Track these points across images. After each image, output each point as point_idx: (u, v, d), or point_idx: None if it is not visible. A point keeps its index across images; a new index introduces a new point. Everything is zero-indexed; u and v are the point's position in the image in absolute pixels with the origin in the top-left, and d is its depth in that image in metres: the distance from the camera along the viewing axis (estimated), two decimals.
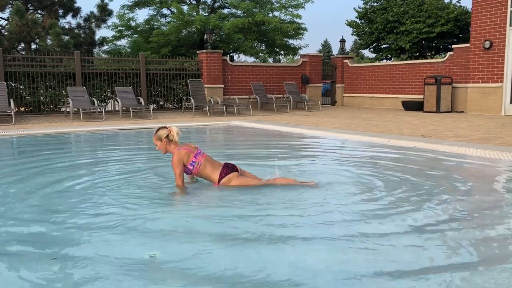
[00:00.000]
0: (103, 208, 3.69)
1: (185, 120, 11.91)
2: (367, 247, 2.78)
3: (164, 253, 2.71)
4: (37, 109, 13.23)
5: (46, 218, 3.43)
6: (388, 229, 3.11)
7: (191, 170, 4.21)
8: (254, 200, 3.88)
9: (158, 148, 4.35)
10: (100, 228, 3.17)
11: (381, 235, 3.00)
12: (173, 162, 4.17)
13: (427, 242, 2.88)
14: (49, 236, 3.04)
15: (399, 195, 4.06)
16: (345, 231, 3.08)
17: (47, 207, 3.76)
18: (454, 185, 4.54)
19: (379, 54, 21.20)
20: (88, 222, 3.30)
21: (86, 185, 4.53)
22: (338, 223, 3.26)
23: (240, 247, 2.81)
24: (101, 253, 2.68)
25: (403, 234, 3.03)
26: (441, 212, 3.52)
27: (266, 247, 2.79)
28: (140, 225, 3.22)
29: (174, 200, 4.09)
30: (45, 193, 4.19)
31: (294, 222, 3.26)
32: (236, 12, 22.64)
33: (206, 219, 3.42)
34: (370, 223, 3.26)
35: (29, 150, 7.13)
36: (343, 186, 4.41)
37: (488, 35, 13.25)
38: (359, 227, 3.15)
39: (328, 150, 7.17)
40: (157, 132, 4.31)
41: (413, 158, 5.94)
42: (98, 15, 20.54)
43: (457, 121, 11.03)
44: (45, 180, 4.71)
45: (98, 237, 2.99)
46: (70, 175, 4.97)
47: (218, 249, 2.76)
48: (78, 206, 3.80)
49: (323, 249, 2.76)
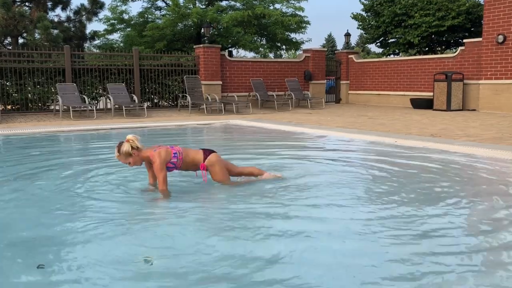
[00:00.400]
0: (91, 212, 3.71)
1: (181, 119, 11.91)
2: (369, 246, 2.79)
3: (159, 256, 2.72)
4: (25, 107, 13.24)
5: (32, 223, 3.44)
6: (393, 232, 3.12)
7: (176, 162, 4.16)
8: (247, 196, 3.91)
9: (132, 165, 4.11)
10: (89, 232, 3.18)
11: (388, 237, 3.01)
12: (157, 166, 4.02)
13: (433, 247, 2.89)
14: (36, 243, 3.05)
15: (405, 198, 4.06)
16: (347, 233, 3.09)
17: (34, 211, 3.77)
18: (464, 188, 4.54)
19: (386, 49, 21.21)
20: (77, 227, 3.31)
21: (72, 188, 4.53)
22: (341, 227, 3.27)
23: (238, 243, 2.82)
24: (92, 258, 2.69)
25: (409, 237, 3.04)
26: (448, 215, 3.53)
27: (266, 247, 2.80)
28: (131, 228, 3.23)
29: (163, 202, 4.06)
30: (31, 197, 4.19)
31: (295, 223, 3.27)
32: (235, 5, 22.63)
33: (203, 218, 3.43)
34: (377, 226, 3.26)
35: (16, 151, 7.14)
36: (345, 188, 4.41)
37: (501, 28, 13.25)
38: (360, 228, 3.16)
39: (330, 150, 7.17)
40: (120, 151, 4.03)
41: (422, 159, 5.94)
42: (89, 8, 20.53)
43: (468, 120, 11.04)
44: (30, 183, 4.71)
45: (88, 242, 3.00)
46: (57, 178, 4.98)
47: (217, 247, 2.77)
48: (65, 211, 3.80)
49: (328, 251, 2.77)
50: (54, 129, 9.50)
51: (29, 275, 2.50)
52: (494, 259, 2.74)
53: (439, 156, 6.13)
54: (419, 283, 2.39)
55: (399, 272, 2.53)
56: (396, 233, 3.16)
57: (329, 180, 4.75)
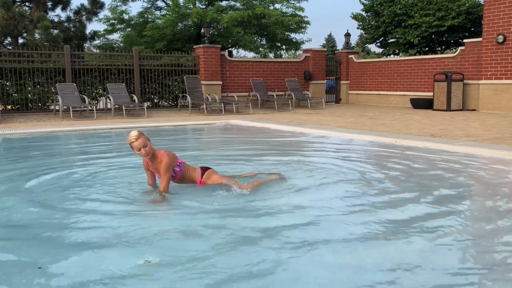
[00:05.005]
0: (90, 212, 3.70)
1: (181, 119, 11.91)
2: (372, 248, 2.78)
3: (159, 257, 2.71)
4: (25, 107, 13.24)
5: (32, 223, 3.44)
6: (393, 232, 3.12)
7: (178, 172, 4.15)
8: (248, 196, 3.93)
9: (148, 149, 3.94)
10: (88, 233, 3.18)
11: (389, 237, 3.01)
12: (166, 165, 3.99)
13: (436, 246, 2.88)
14: (35, 243, 3.04)
15: (405, 198, 4.06)
16: (349, 235, 3.09)
17: (34, 211, 3.76)
18: (465, 188, 4.54)
19: (386, 49, 21.21)
20: (76, 227, 3.31)
21: (72, 188, 4.52)
22: (341, 230, 3.26)
23: (238, 243, 2.81)
24: (91, 258, 2.68)
25: (408, 237, 3.03)
26: (448, 215, 3.52)
27: (266, 247, 2.79)
28: (131, 229, 3.22)
29: (163, 203, 4.05)
30: (28, 197, 4.18)
31: (297, 226, 3.26)
32: (235, 5, 22.63)
33: (203, 218, 3.42)
34: (376, 225, 3.26)
35: (16, 151, 7.13)
36: (346, 189, 4.41)
37: (501, 28, 13.25)
38: (363, 230, 3.16)
39: (331, 150, 7.16)
40: (142, 134, 3.96)
41: (422, 159, 5.93)
42: (89, 8, 20.52)
43: (468, 120, 11.03)
44: (29, 184, 4.70)
45: (88, 242, 2.99)
46: (56, 178, 4.97)
47: (217, 247, 2.76)
48: (64, 211, 3.79)
49: (327, 252, 2.76)
50: (54, 129, 9.49)
51: (28, 275, 2.50)
52: (494, 259, 2.74)
53: (439, 156, 6.12)
54: (420, 283, 2.39)
55: (399, 272, 2.53)
56: (396, 233, 3.16)
57: (329, 180, 4.75)
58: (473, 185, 4.69)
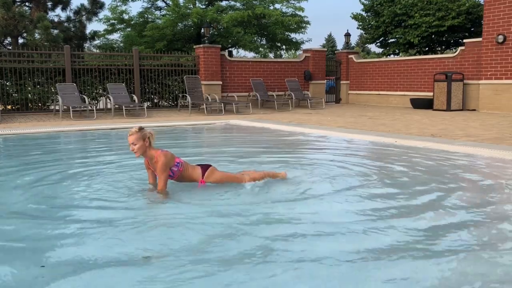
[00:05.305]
0: (90, 211, 3.71)
1: (181, 119, 11.92)
2: (375, 248, 2.79)
3: (158, 256, 2.72)
4: (25, 107, 13.24)
5: (32, 222, 3.44)
6: (393, 232, 3.12)
7: (175, 171, 4.16)
8: (249, 197, 3.92)
9: (136, 149, 4.04)
10: (88, 232, 3.18)
11: (388, 238, 3.01)
12: (162, 165, 4.02)
13: (433, 246, 2.89)
14: (37, 242, 3.05)
15: (405, 198, 4.06)
16: (350, 234, 3.09)
17: (33, 211, 3.77)
18: (465, 188, 4.54)
19: (386, 49, 21.21)
20: (76, 227, 3.31)
21: (71, 188, 4.53)
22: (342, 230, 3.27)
23: (238, 243, 2.81)
24: (91, 257, 2.69)
25: (409, 237, 3.04)
26: (448, 216, 3.53)
27: (266, 249, 2.80)
28: (130, 227, 3.23)
29: (163, 203, 4.05)
30: (30, 196, 4.19)
31: (297, 226, 3.27)
32: (235, 5, 22.63)
33: (203, 219, 3.42)
34: (376, 225, 3.26)
35: (16, 151, 7.13)
36: (346, 189, 4.41)
37: (501, 28, 13.25)
38: (360, 228, 3.16)
39: (332, 150, 7.16)
40: (141, 130, 4.08)
41: (422, 159, 5.94)
42: (89, 8, 20.52)
43: (468, 120, 11.04)
44: (30, 182, 4.71)
45: (87, 241, 3.00)
46: (56, 178, 4.98)
47: (216, 247, 2.76)
48: (64, 210, 3.80)
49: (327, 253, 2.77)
50: (54, 129, 9.49)
51: (29, 275, 2.50)
52: (494, 258, 2.74)
53: (440, 156, 6.12)
54: (421, 283, 2.39)
55: (399, 272, 2.53)
56: (396, 232, 3.16)
57: (329, 180, 4.75)
58: (473, 185, 4.69)
